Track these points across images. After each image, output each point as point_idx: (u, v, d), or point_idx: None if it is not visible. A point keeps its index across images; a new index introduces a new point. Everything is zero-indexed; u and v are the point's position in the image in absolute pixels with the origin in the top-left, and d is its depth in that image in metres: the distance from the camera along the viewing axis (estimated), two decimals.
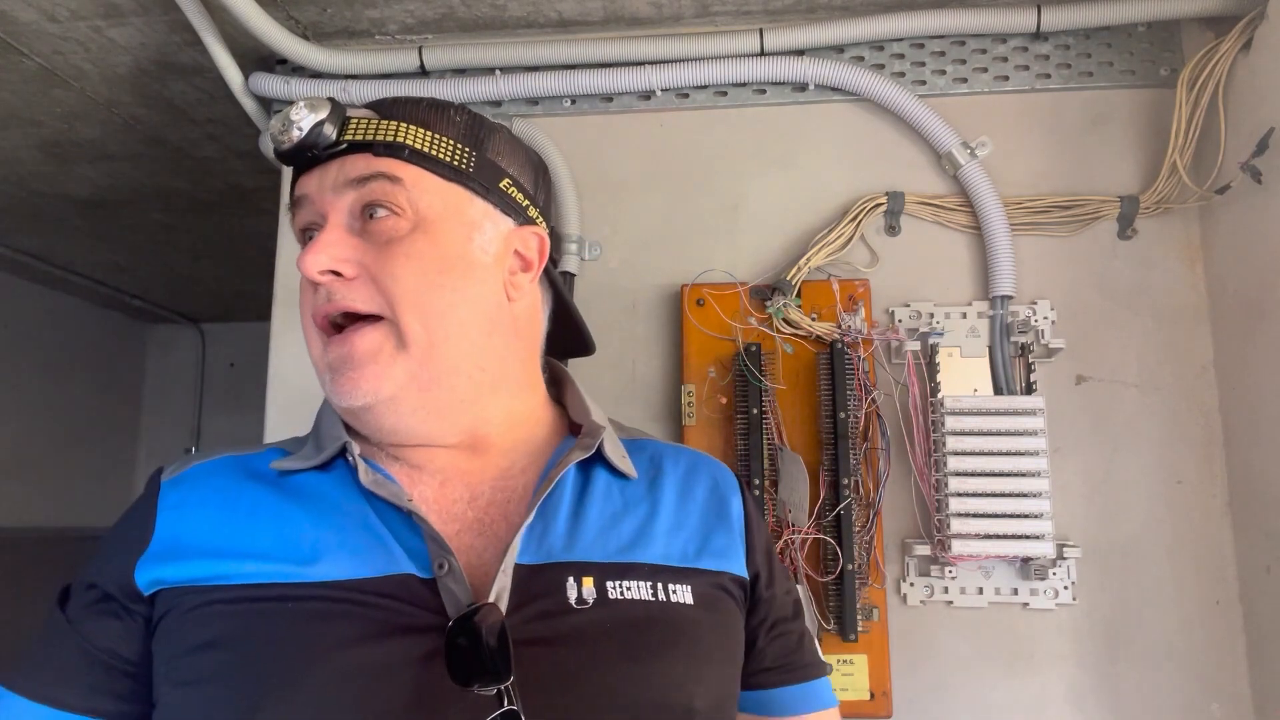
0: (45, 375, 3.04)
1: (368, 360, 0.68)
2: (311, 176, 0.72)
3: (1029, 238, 1.30)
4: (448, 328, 0.70)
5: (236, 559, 0.65)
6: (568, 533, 0.70)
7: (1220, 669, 1.19)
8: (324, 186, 0.71)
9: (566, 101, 1.42)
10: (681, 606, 0.69)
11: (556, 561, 0.68)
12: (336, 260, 0.68)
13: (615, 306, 1.37)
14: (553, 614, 0.65)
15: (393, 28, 1.43)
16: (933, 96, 1.35)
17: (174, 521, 0.69)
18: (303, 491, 0.71)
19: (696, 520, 0.77)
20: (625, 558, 0.70)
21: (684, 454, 0.85)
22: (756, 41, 1.34)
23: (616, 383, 1.34)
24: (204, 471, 0.73)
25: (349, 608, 0.63)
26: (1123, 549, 1.23)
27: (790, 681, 0.79)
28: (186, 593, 0.65)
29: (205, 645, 0.62)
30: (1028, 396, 1.22)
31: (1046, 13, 1.30)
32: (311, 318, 0.71)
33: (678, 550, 0.73)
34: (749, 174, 1.38)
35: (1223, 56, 1.21)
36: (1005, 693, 1.21)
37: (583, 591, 0.67)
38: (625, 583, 0.68)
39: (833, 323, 1.27)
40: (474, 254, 0.72)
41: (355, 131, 0.71)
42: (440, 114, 0.74)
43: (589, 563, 0.68)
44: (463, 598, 0.63)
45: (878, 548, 1.22)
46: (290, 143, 0.70)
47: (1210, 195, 1.22)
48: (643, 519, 0.74)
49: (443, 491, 0.72)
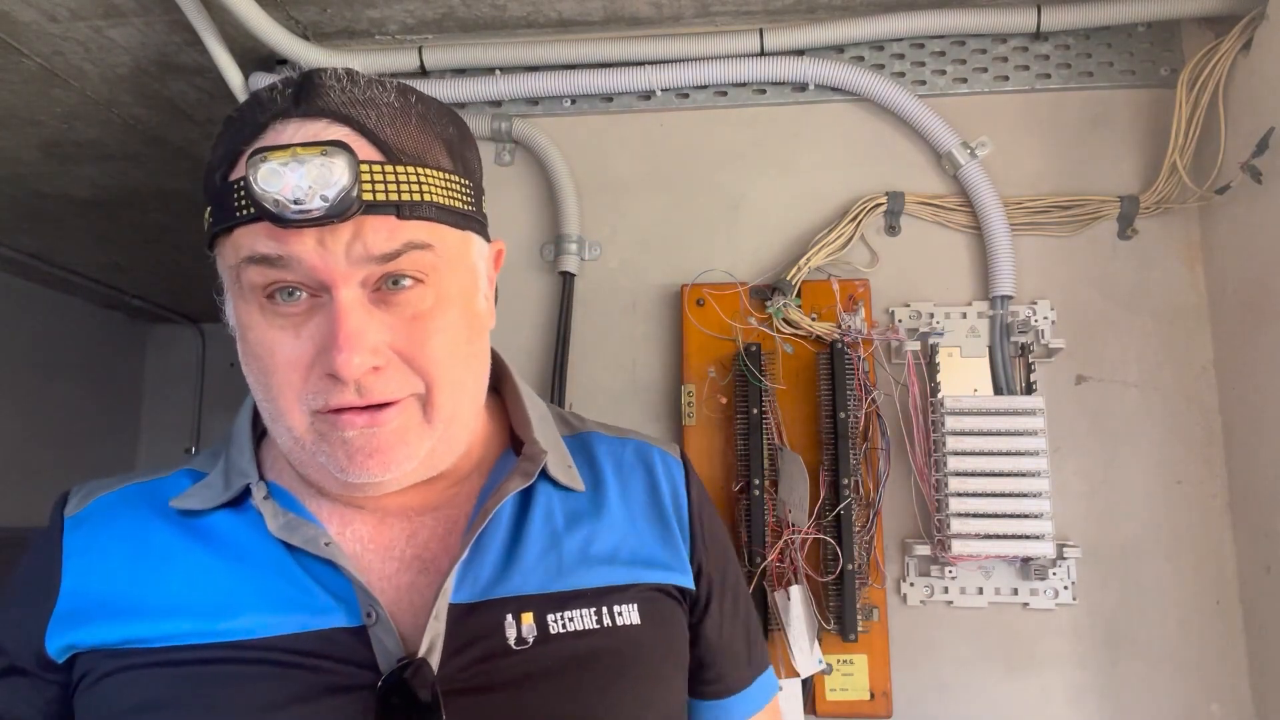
0: (45, 375, 3.04)
1: (399, 442, 0.61)
2: (304, 235, 0.58)
3: (1029, 238, 1.30)
4: (468, 393, 0.66)
5: (151, 619, 0.61)
6: (504, 563, 0.66)
7: (1220, 669, 1.19)
8: (333, 254, 0.58)
9: (566, 101, 1.42)
10: (629, 629, 0.67)
11: (493, 599, 0.64)
12: (375, 354, 0.59)
13: (615, 306, 1.37)
14: (491, 657, 0.62)
15: (393, 28, 1.43)
16: (933, 96, 1.35)
17: (81, 571, 0.64)
18: (213, 535, 0.65)
19: (641, 526, 0.73)
20: (567, 585, 0.66)
21: (623, 448, 0.78)
22: (756, 41, 1.34)
23: (616, 383, 1.34)
24: (108, 506, 0.68)
25: (273, 669, 0.59)
26: (1123, 549, 1.23)
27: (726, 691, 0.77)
28: (104, 656, 0.61)
29: (134, 710, 0.59)
30: (1028, 396, 1.22)
31: (1046, 13, 1.30)
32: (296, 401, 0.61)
33: (624, 563, 0.70)
34: (749, 174, 1.38)
35: (1223, 56, 1.21)
36: (1005, 693, 1.21)
37: (521, 629, 0.63)
38: (568, 613, 0.65)
39: (833, 323, 1.27)
40: (480, 305, 0.67)
41: (375, 189, 0.58)
42: (431, 130, 0.64)
43: (527, 596, 0.65)
44: (394, 650, 0.60)
45: (878, 548, 1.22)
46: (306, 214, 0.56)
47: (1210, 195, 1.22)
48: (586, 535, 0.70)
49: (380, 529, 0.67)
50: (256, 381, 0.63)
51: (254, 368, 0.62)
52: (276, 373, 0.61)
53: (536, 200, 1.41)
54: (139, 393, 3.60)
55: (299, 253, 0.58)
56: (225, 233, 0.60)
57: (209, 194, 0.62)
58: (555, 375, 1.32)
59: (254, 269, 0.59)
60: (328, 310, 0.59)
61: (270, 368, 0.61)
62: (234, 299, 0.63)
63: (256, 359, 0.62)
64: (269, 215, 0.57)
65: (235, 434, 0.70)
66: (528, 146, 1.40)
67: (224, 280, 0.64)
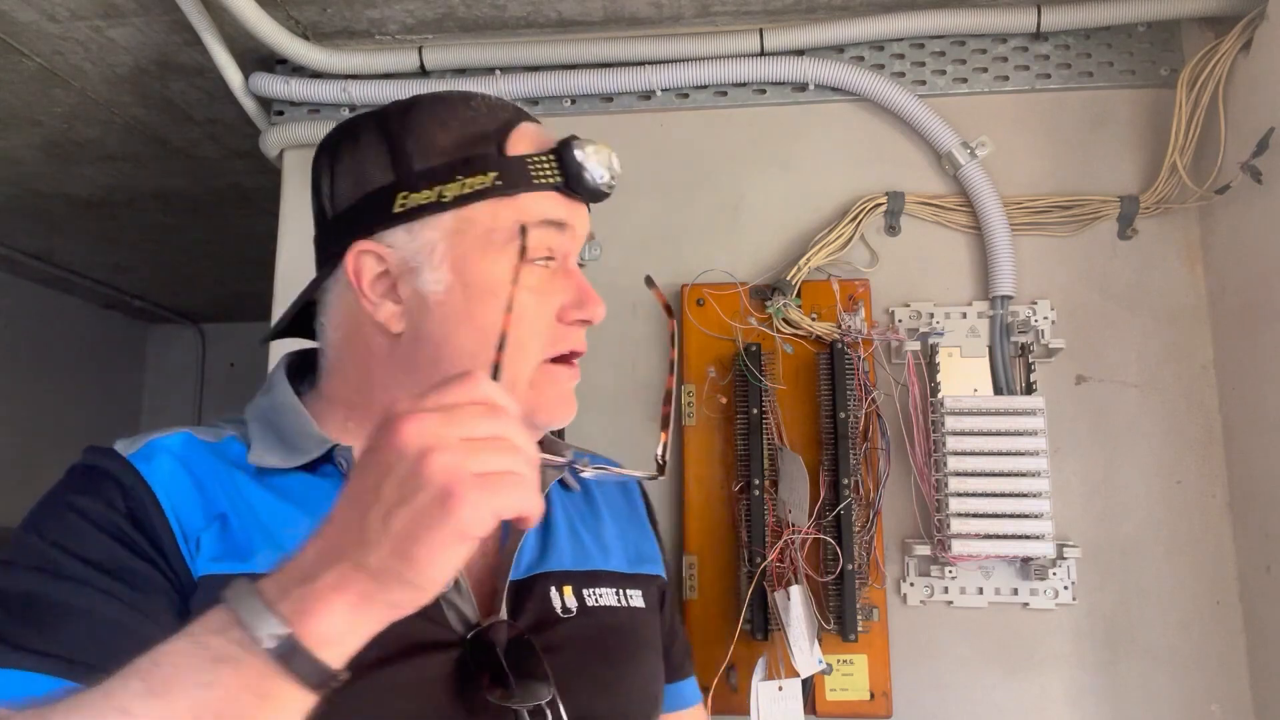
0: (45, 375, 3.04)
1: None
2: (581, 208, 0.72)
3: (1029, 238, 1.30)
4: None
5: (259, 561, 0.63)
6: (541, 543, 0.74)
7: (1220, 669, 1.19)
8: (582, 229, 0.72)
9: (566, 101, 1.42)
10: (639, 611, 0.77)
11: (539, 573, 0.72)
12: None
13: (615, 306, 1.36)
14: (545, 624, 0.69)
15: (393, 28, 1.43)
16: (933, 96, 1.35)
17: (180, 499, 0.65)
18: (294, 494, 0.68)
19: (626, 526, 0.83)
20: (592, 565, 0.75)
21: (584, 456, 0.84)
22: (756, 41, 1.34)
23: (616, 383, 1.34)
24: (173, 449, 0.68)
25: None
26: (1123, 549, 1.23)
27: (680, 677, 0.87)
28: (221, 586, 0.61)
29: None
30: (1028, 396, 1.22)
31: (1046, 13, 1.30)
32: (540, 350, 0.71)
33: (626, 557, 0.80)
34: (749, 174, 1.38)
35: (1223, 56, 1.21)
36: (1005, 693, 1.21)
37: (565, 600, 0.71)
38: (598, 590, 0.74)
39: (833, 323, 1.27)
40: None
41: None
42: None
43: (565, 571, 0.73)
44: (470, 614, 0.66)
45: (878, 548, 1.22)
46: (610, 187, 0.71)
47: (1210, 195, 1.22)
48: (593, 529, 0.79)
49: None
50: (473, 338, 0.68)
51: (473, 325, 0.68)
52: (525, 321, 0.68)
53: None
54: (139, 393, 3.61)
55: (577, 220, 0.71)
56: (500, 196, 0.68)
57: (483, 162, 0.68)
58: None
59: (547, 230, 0.69)
60: (566, 272, 0.72)
61: (520, 318, 0.67)
62: (479, 255, 0.68)
63: (486, 317, 0.68)
64: (581, 186, 0.69)
65: (280, 404, 0.73)
66: None
67: (453, 242, 0.68)
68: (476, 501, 0.47)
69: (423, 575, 0.48)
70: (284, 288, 1.43)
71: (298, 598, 0.48)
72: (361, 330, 0.71)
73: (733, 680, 1.17)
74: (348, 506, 0.50)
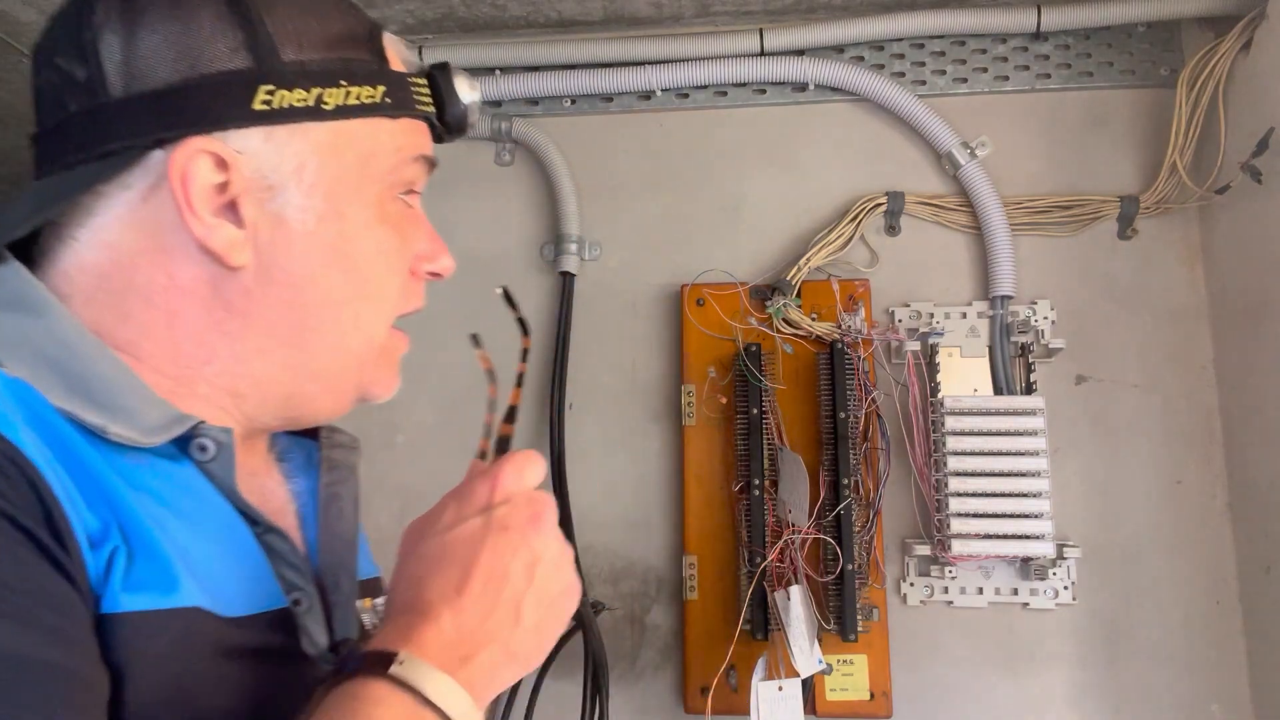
0: None
1: None
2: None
3: (1029, 238, 1.30)
4: None
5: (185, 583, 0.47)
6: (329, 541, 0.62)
7: (1220, 669, 1.19)
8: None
9: (566, 101, 1.42)
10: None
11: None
12: None
13: (615, 306, 1.37)
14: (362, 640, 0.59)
15: (393, 28, 1.43)
16: (933, 96, 1.35)
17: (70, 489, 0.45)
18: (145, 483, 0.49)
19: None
20: (368, 572, 0.66)
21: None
22: (756, 41, 1.34)
23: (617, 383, 1.34)
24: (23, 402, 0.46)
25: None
26: (1123, 549, 1.23)
27: None
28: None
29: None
30: (1028, 396, 1.22)
31: (1046, 13, 1.30)
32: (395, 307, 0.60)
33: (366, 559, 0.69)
34: (749, 174, 1.38)
35: (1223, 56, 1.21)
36: (1005, 693, 1.21)
37: (369, 614, 0.63)
38: (379, 601, 0.65)
39: (833, 323, 1.27)
40: None
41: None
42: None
43: (362, 582, 0.63)
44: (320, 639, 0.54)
45: (878, 548, 1.22)
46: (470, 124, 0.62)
47: (1210, 195, 1.22)
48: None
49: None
50: (346, 282, 0.56)
51: (344, 266, 0.56)
52: (388, 270, 0.58)
53: (536, 200, 1.41)
54: None
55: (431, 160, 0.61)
56: (384, 116, 0.57)
57: (369, 71, 0.56)
58: (555, 375, 1.32)
59: (419, 167, 0.60)
60: (416, 217, 0.61)
61: (383, 269, 0.58)
62: (355, 184, 0.56)
63: (360, 257, 0.56)
64: (454, 120, 0.60)
65: (71, 342, 0.51)
66: (528, 146, 1.40)
67: (326, 162, 0.55)
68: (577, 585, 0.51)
69: (544, 653, 0.51)
70: None
71: (467, 678, 0.46)
72: (163, 257, 0.52)
73: (733, 680, 1.17)
74: (494, 586, 0.48)
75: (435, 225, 0.64)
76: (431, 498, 0.53)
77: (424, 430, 1.35)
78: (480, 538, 0.49)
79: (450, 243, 0.66)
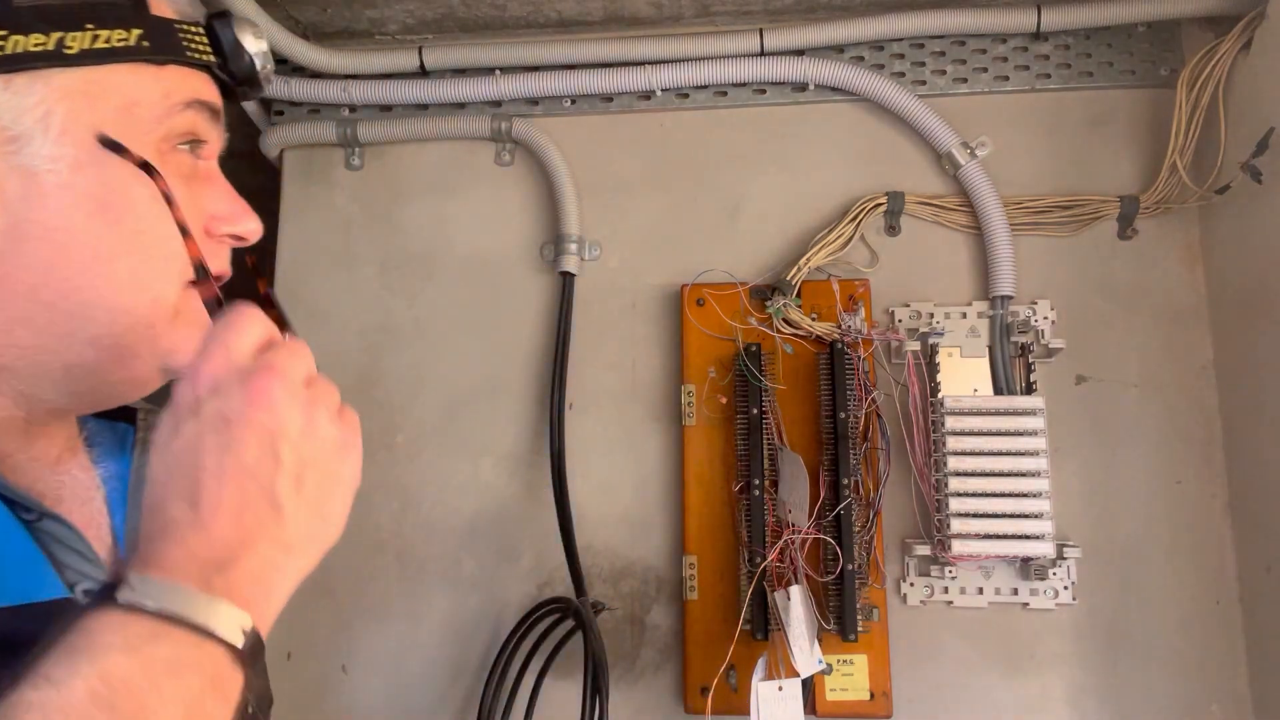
0: None
1: None
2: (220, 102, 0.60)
3: (1029, 238, 1.30)
4: None
5: None
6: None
7: (1220, 669, 1.19)
8: (222, 129, 0.61)
9: (566, 101, 1.42)
10: None
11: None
12: None
13: (615, 306, 1.37)
14: None
15: (393, 28, 1.43)
16: (933, 96, 1.35)
17: None
18: None
19: None
20: None
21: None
22: (756, 41, 1.34)
23: (617, 383, 1.34)
24: None
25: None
26: (1123, 549, 1.23)
27: None
28: None
29: None
30: (1028, 396, 1.22)
31: (1046, 13, 1.30)
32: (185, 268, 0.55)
33: None
34: (749, 174, 1.38)
35: (1223, 56, 1.21)
36: (1005, 693, 1.21)
37: None
38: None
39: (833, 323, 1.27)
40: None
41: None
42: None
43: None
44: None
45: (878, 548, 1.22)
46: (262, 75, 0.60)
47: (1210, 195, 1.22)
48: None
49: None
50: (113, 235, 0.52)
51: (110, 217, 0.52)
52: (175, 227, 0.53)
53: (536, 200, 1.41)
54: None
55: (218, 108, 0.58)
56: (144, 62, 0.53)
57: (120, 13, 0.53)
58: (555, 375, 1.32)
59: (200, 113, 0.57)
60: (211, 175, 0.59)
61: (164, 220, 0.53)
62: (117, 134, 0.52)
63: (127, 207, 0.53)
64: (240, 70, 0.58)
65: None
66: (528, 146, 1.40)
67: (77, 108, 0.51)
68: (357, 440, 0.46)
69: (336, 529, 0.46)
70: (284, 288, 1.43)
71: (228, 588, 0.42)
72: None
73: (733, 680, 1.17)
74: (233, 485, 0.43)
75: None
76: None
77: (424, 430, 1.35)
78: (198, 443, 0.44)
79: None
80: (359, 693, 1.28)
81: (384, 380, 1.37)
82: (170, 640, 0.40)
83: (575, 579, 1.23)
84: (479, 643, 1.28)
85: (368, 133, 1.41)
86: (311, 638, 1.29)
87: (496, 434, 1.34)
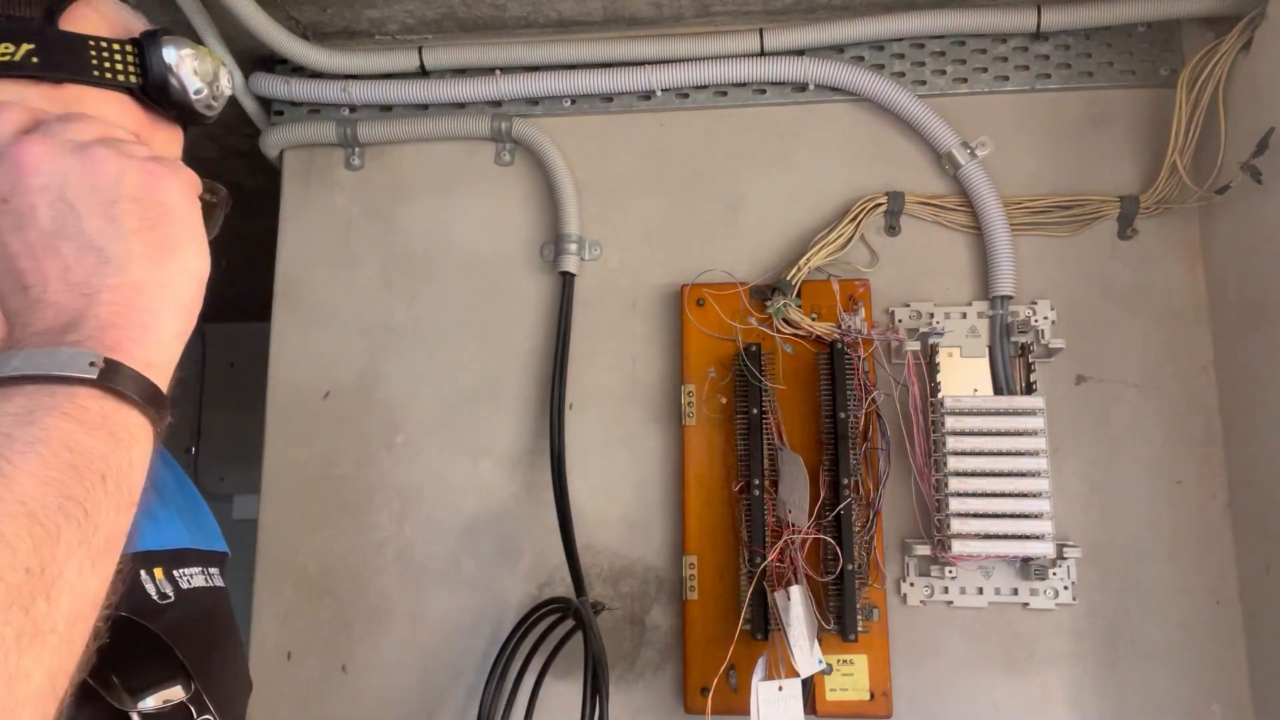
0: None
1: None
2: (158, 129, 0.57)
3: (1029, 238, 1.30)
4: None
5: None
6: None
7: (1220, 669, 1.19)
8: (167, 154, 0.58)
9: (566, 101, 1.42)
10: (224, 590, 0.67)
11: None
12: None
13: (615, 306, 1.37)
14: (142, 615, 0.56)
15: (393, 28, 1.43)
16: (933, 96, 1.35)
17: None
18: None
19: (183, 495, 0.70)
20: (178, 544, 0.64)
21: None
22: (756, 41, 1.34)
23: (616, 383, 1.34)
24: None
25: None
26: (1123, 549, 1.23)
27: None
28: None
29: None
30: (1028, 396, 1.22)
31: (1046, 13, 1.30)
32: None
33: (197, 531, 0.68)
34: (749, 174, 1.38)
35: (1223, 56, 1.21)
36: (1005, 693, 1.21)
37: (159, 584, 0.60)
38: (187, 570, 0.63)
39: (833, 323, 1.27)
40: None
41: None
42: None
43: (148, 552, 0.60)
44: None
45: (878, 548, 1.22)
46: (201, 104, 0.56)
47: (1210, 195, 1.22)
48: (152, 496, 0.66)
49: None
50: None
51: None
52: None
53: (536, 200, 1.41)
54: None
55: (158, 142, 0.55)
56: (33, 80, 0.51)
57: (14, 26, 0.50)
58: (555, 375, 1.32)
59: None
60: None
61: None
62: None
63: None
64: (165, 98, 0.54)
65: None
66: (528, 146, 1.40)
67: None
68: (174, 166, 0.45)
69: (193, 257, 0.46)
70: (284, 288, 1.43)
71: (79, 342, 0.41)
72: None
73: (733, 680, 1.17)
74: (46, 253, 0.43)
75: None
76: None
77: (424, 430, 1.35)
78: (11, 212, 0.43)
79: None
80: (359, 693, 1.28)
81: (384, 380, 1.37)
82: (21, 394, 0.40)
83: (575, 579, 1.24)
84: (479, 643, 1.29)
85: (368, 133, 1.41)
86: (311, 638, 1.29)
87: (496, 434, 1.34)
